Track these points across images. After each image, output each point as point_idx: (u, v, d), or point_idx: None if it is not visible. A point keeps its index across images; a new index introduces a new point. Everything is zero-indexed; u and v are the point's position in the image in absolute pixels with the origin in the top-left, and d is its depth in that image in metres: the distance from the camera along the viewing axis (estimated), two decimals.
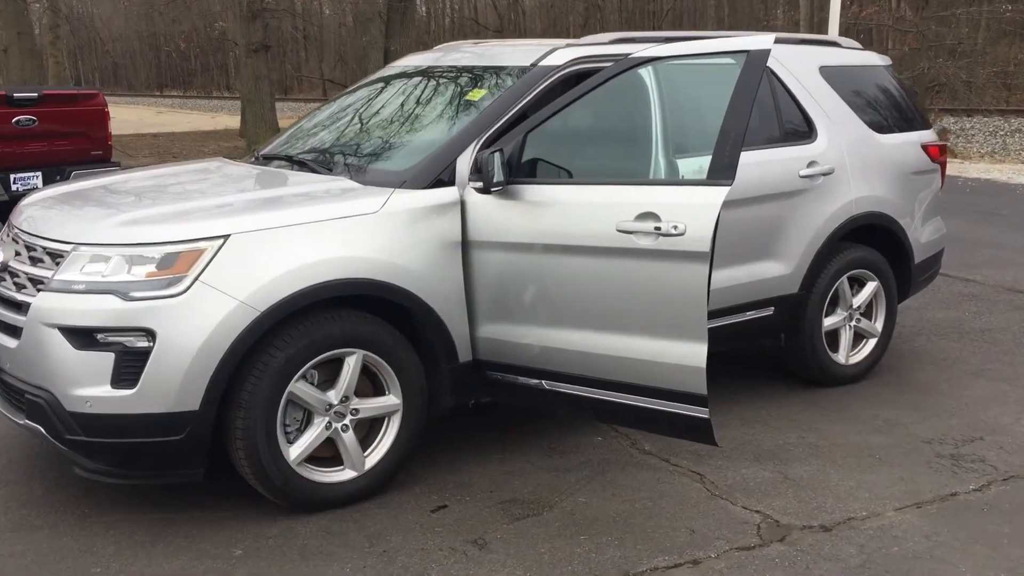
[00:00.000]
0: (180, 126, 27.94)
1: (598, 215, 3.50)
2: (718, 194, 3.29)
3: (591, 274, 3.54)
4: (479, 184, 3.62)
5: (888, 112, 5.38)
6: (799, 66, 4.96)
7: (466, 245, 3.76)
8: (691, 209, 3.32)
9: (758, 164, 4.63)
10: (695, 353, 3.37)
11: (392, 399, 3.70)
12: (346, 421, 3.60)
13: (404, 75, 4.70)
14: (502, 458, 4.16)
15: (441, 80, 4.44)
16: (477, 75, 4.32)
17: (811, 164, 4.81)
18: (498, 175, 3.58)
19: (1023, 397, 4.95)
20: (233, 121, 25.90)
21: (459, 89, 4.27)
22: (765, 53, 3.41)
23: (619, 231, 3.44)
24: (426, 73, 4.59)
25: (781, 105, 4.83)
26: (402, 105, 4.44)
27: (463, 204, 3.75)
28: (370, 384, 3.70)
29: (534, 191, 3.68)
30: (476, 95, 4.12)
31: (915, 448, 4.30)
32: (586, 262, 3.54)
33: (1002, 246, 9.10)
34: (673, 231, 3.33)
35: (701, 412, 3.42)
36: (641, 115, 4.06)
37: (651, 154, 4.31)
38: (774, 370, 5.28)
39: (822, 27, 26.43)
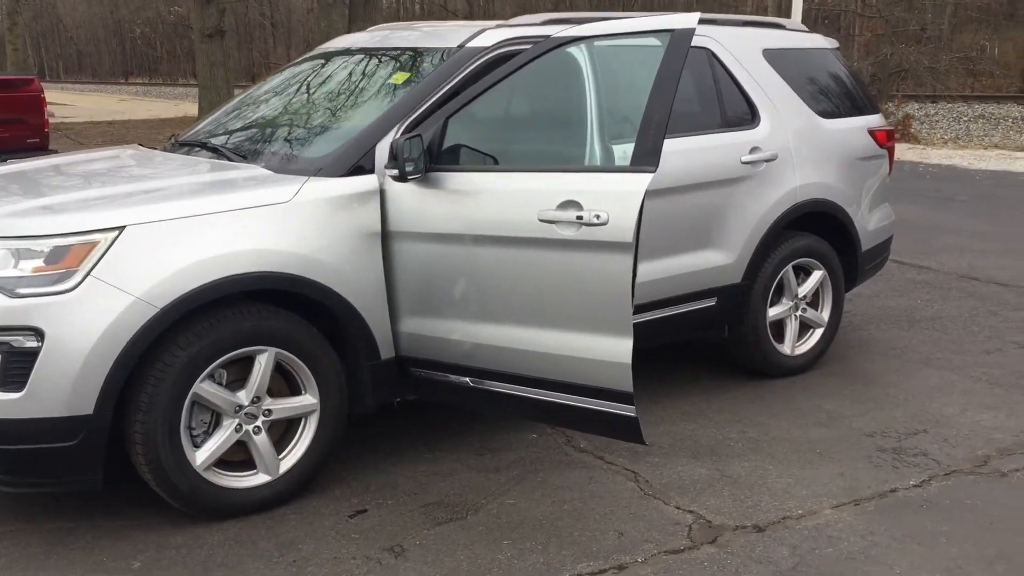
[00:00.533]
0: (139, 114, 27.50)
1: (519, 204, 3.34)
2: (641, 181, 3.13)
3: (513, 266, 3.38)
4: (395, 172, 3.44)
5: (834, 96, 5.25)
6: (741, 49, 4.81)
7: (386, 236, 3.58)
8: (614, 197, 3.16)
9: (698, 150, 4.49)
10: (620, 348, 3.21)
11: (308, 399, 3.52)
12: (258, 423, 3.42)
13: (332, 57, 4.50)
14: (432, 458, 4.00)
15: (368, 63, 4.25)
16: (403, 57, 4.14)
17: (753, 150, 4.67)
18: (415, 163, 3.41)
19: (969, 387, 4.85)
20: (195, 109, 25.54)
21: (384, 72, 4.09)
22: (689, 32, 3.25)
23: (541, 221, 3.28)
24: (354, 55, 4.40)
25: (722, 89, 4.68)
26: (325, 89, 4.25)
27: (383, 193, 3.57)
28: (285, 383, 3.52)
29: (455, 179, 3.51)
30: (399, 78, 3.94)
31: (857, 442, 4.18)
32: (508, 253, 3.37)
33: (959, 232, 9.04)
34: (595, 220, 3.17)
35: (628, 410, 3.27)
36: (575, 99, 3.89)
37: (586, 139, 4.15)
38: (719, 361, 5.15)
39: (789, 13, 26.50)
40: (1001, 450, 4.08)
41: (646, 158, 3.14)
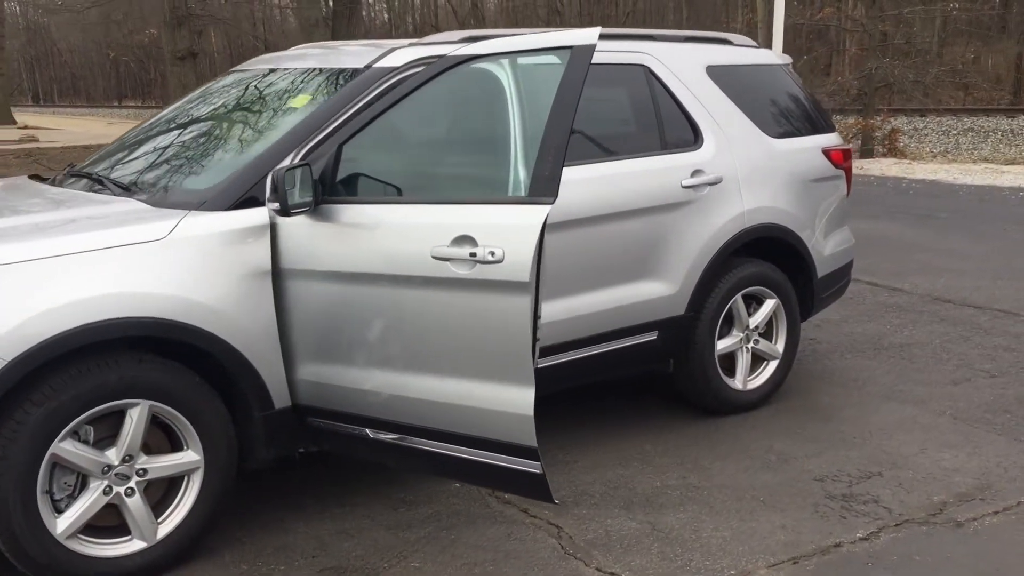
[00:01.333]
0: None
1: (413, 240, 3.04)
2: (538, 214, 2.83)
3: (408, 308, 3.08)
4: (275, 206, 3.13)
5: (786, 115, 4.97)
6: (682, 66, 4.52)
7: (279, 275, 3.28)
8: (509, 232, 2.87)
9: (634, 174, 4.20)
10: (521, 399, 2.91)
11: (190, 455, 3.21)
12: (131, 484, 3.10)
13: (241, 80, 4.21)
14: (341, 513, 3.68)
15: (276, 84, 3.96)
16: (308, 79, 3.85)
17: (695, 173, 4.37)
18: (299, 195, 3.11)
19: (932, 423, 4.54)
20: None
21: (286, 95, 3.79)
22: (589, 49, 2.97)
23: (434, 258, 2.98)
24: (262, 78, 4.11)
25: (661, 109, 4.39)
26: (225, 114, 3.95)
27: (274, 228, 3.27)
28: (166, 438, 3.21)
29: (349, 212, 3.21)
30: (300, 102, 3.65)
31: (805, 487, 3.86)
32: (403, 294, 3.08)
33: (936, 251, 8.75)
34: (490, 258, 2.87)
35: (533, 467, 2.96)
36: (496, 121, 3.60)
37: (509, 165, 3.86)
38: (670, 397, 4.83)
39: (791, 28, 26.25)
40: (959, 496, 3.76)
41: (544, 188, 2.85)
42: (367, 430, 3.29)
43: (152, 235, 3.11)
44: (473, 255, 2.90)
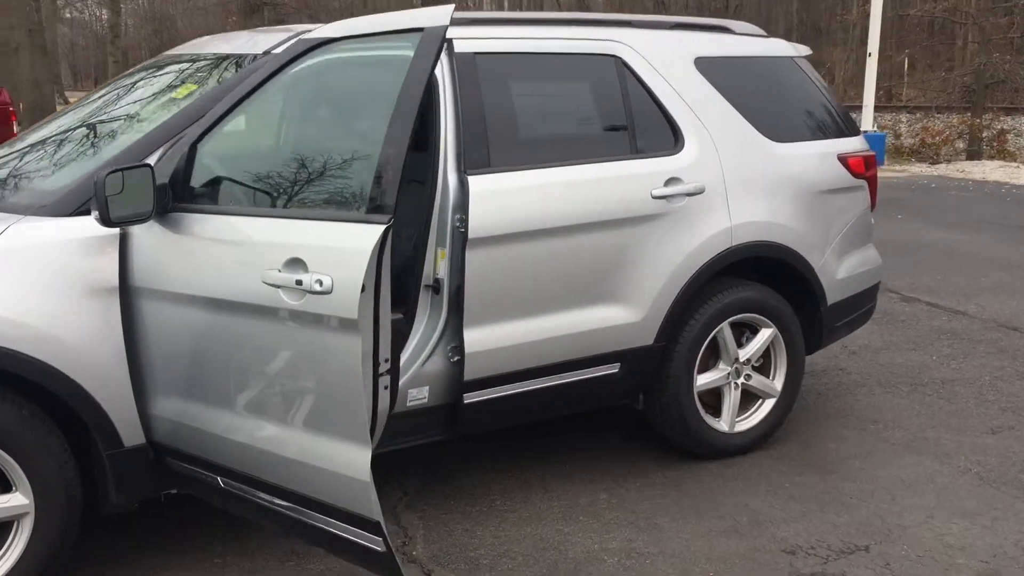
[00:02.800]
0: None
1: (247, 259, 2.56)
2: (369, 235, 2.30)
3: (247, 342, 2.60)
4: (96, 215, 2.68)
5: (794, 115, 4.29)
6: (665, 57, 3.91)
7: (129, 293, 2.84)
8: (337, 256, 2.35)
9: (593, 182, 3.62)
10: (356, 460, 2.39)
11: (18, 498, 2.79)
12: None
13: (144, 70, 3.79)
14: (221, 565, 3.22)
15: (168, 75, 3.51)
16: (201, 68, 3.40)
17: (670, 181, 3.76)
18: (129, 203, 2.64)
19: (950, 482, 3.82)
20: None
21: (173, 86, 3.35)
22: (440, 32, 2.41)
23: (265, 284, 2.48)
24: (162, 67, 3.67)
25: (634, 107, 3.79)
26: (111, 107, 3.52)
27: (124, 239, 2.83)
28: None
29: (198, 224, 2.75)
30: (182, 92, 3.20)
31: (769, 562, 3.23)
32: (238, 325, 2.60)
33: (1016, 269, 7.81)
34: (317, 287, 2.36)
35: (375, 542, 2.44)
36: (358, 120, 3.09)
37: (438, 170, 3.36)
38: (653, 432, 4.22)
39: (899, 20, 24.72)
40: None
41: (379, 204, 2.32)
42: (219, 478, 2.82)
43: None
44: (299, 283, 2.39)
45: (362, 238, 2.31)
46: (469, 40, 3.50)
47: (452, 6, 2.46)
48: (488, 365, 3.44)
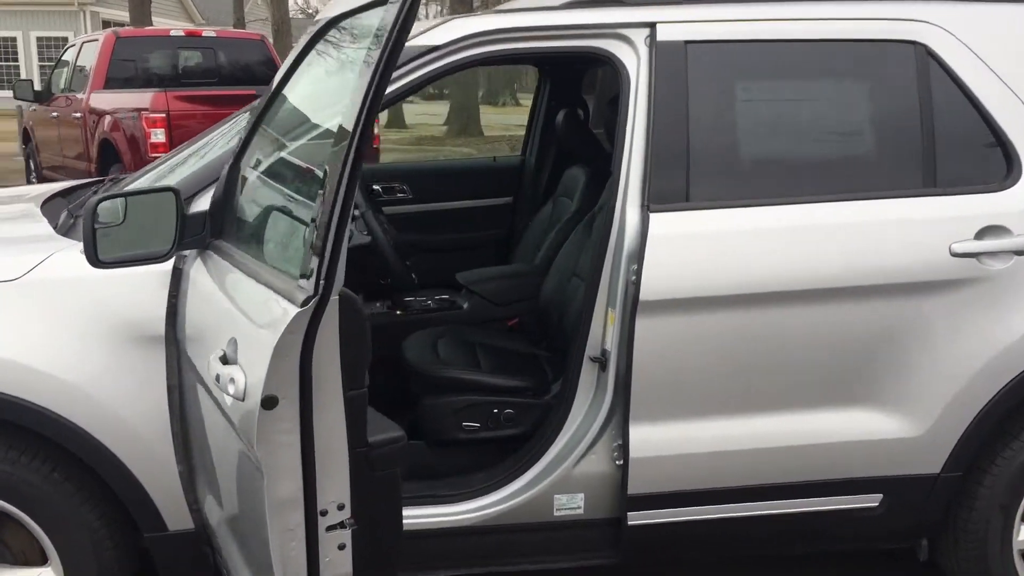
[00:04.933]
0: None
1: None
2: (285, 325, 1.48)
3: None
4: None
5: None
6: (998, 42, 2.60)
7: (176, 344, 2.28)
8: (253, 348, 1.56)
9: (852, 228, 2.47)
10: None
11: (46, 573, 2.36)
12: None
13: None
14: None
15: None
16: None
17: (988, 231, 2.48)
18: (121, 242, 2.04)
19: None
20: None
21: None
22: None
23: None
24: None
25: (940, 117, 2.54)
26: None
27: (177, 274, 2.27)
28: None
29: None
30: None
31: None
32: None
33: None
34: (231, 389, 1.59)
35: None
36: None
37: (616, 201, 2.47)
38: None
39: None
40: None
41: (315, 269, 1.49)
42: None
43: (3, 275, 2.28)
44: (220, 378, 1.62)
45: (268, 333, 1.50)
46: (678, 24, 2.51)
47: None
48: (662, 476, 2.48)
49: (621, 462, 2.47)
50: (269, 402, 1.47)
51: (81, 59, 9.55)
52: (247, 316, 1.70)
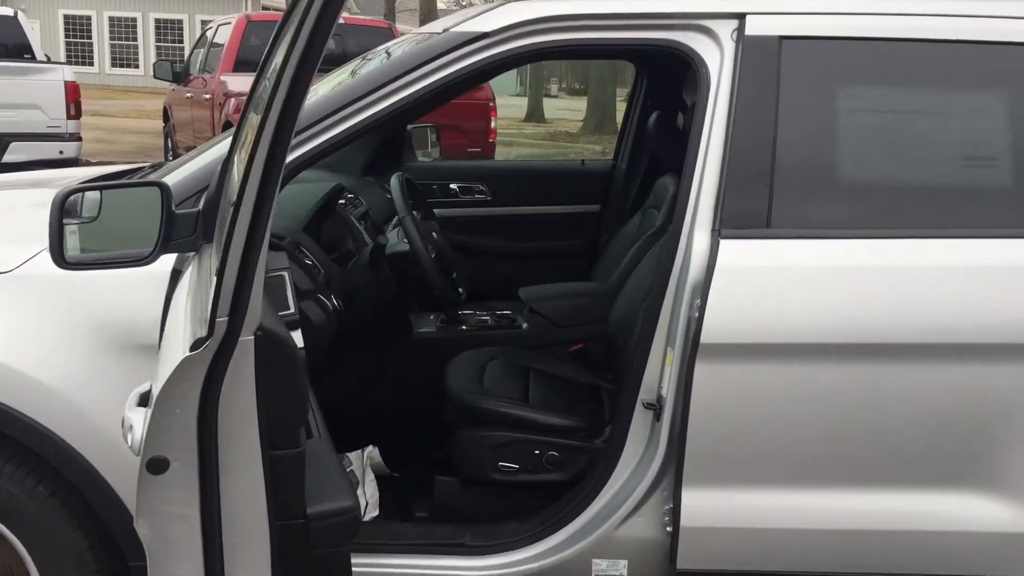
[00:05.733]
0: None
1: None
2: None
3: None
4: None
5: None
6: None
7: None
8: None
9: (987, 271, 2.02)
10: None
11: None
12: None
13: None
14: None
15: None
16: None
17: None
18: (97, 238, 1.81)
19: None
20: None
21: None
22: None
23: None
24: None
25: None
26: None
27: (176, 276, 2.03)
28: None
29: None
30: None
31: None
32: None
33: None
34: (129, 439, 1.31)
35: None
36: None
37: (682, 223, 2.11)
38: None
39: None
40: None
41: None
42: None
43: None
44: None
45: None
46: (772, 16, 2.10)
47: None
48: (718, 551, 2.10)
49: (671, 529, 2.10)
50: (156, 465, 1.19)
51: (216, 41, 9.66)
52: (183, 348, 1.42)
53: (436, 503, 2.48)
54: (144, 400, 1.38)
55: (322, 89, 2.35)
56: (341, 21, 9.85)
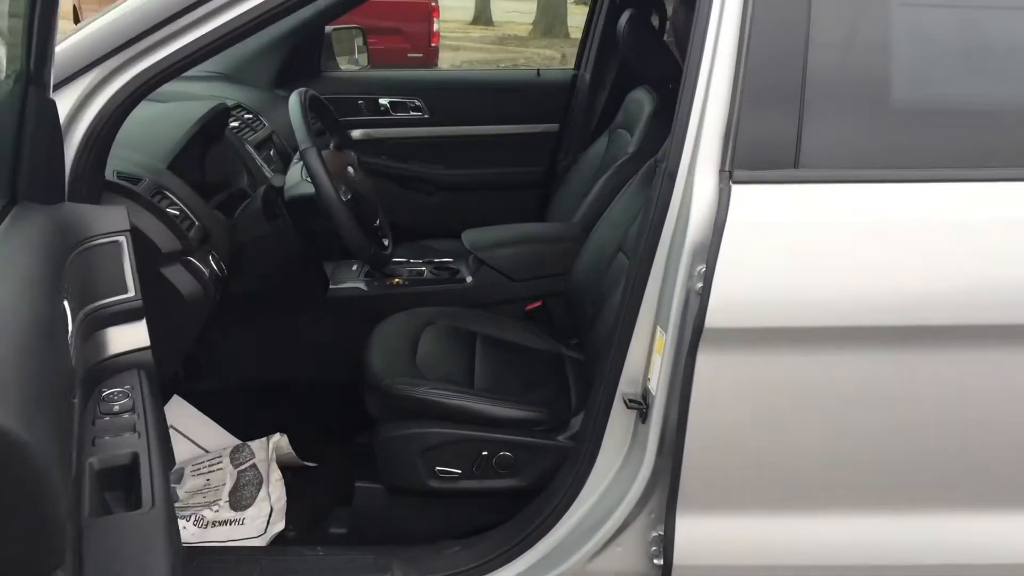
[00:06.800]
0: None
1: None
2: None
3: None
4: None
5: None
6: None
7: None
8: None
9: None
10: None
11: None
12: None
13: None
14: None
15: None
16: None
17: None
18: None
19: None
20: None
21: None
22: None
23: None
24: None
25: None
26: None
27: None
28: None
29: None
30: None
31: None
32: None
33: None
34: None
35: None
36: None
37: (677, 162, 1.53)
38: None
39: None
40: None
41: None
42: None
43: None
44: None
45: None
46: None
47: None
48: None
49: (661, 562, 1.60)
50: None
51: None
52: None
53: (357, 516, 1.96)
54: None
55: None
56: None
